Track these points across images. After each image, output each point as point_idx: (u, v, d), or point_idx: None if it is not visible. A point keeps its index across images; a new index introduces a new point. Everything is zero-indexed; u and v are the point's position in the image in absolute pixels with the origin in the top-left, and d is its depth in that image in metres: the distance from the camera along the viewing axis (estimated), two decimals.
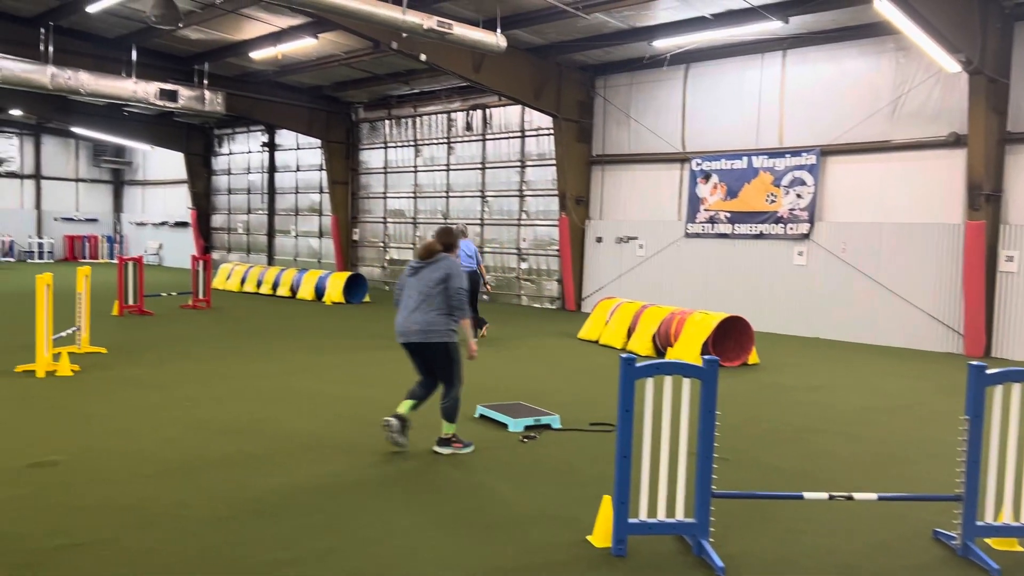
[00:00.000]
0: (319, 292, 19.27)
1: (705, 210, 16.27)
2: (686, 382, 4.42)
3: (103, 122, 26.88)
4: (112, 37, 18.77)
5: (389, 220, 23.71)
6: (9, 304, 16.48)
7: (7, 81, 16.62)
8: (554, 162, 18.46)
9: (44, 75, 17.04)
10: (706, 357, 4.33)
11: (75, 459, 5.90)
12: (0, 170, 31.58)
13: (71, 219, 33.60)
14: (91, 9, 15.69)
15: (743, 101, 15.77)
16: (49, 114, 26.18)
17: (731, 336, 11.51)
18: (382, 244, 24.00)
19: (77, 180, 33.92)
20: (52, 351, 9.25)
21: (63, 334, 10.16)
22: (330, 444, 6.58)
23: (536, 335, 14.03)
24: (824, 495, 4.66)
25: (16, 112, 27.91)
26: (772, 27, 13.62)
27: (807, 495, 4.67)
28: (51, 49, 17.54)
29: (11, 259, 31.22)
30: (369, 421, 7.39)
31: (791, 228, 15.04)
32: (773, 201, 15.26)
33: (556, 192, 18.57)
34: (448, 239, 6.52)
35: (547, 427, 7.28)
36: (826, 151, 14.66)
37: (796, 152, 14.94)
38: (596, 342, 13.06)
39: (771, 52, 15.30)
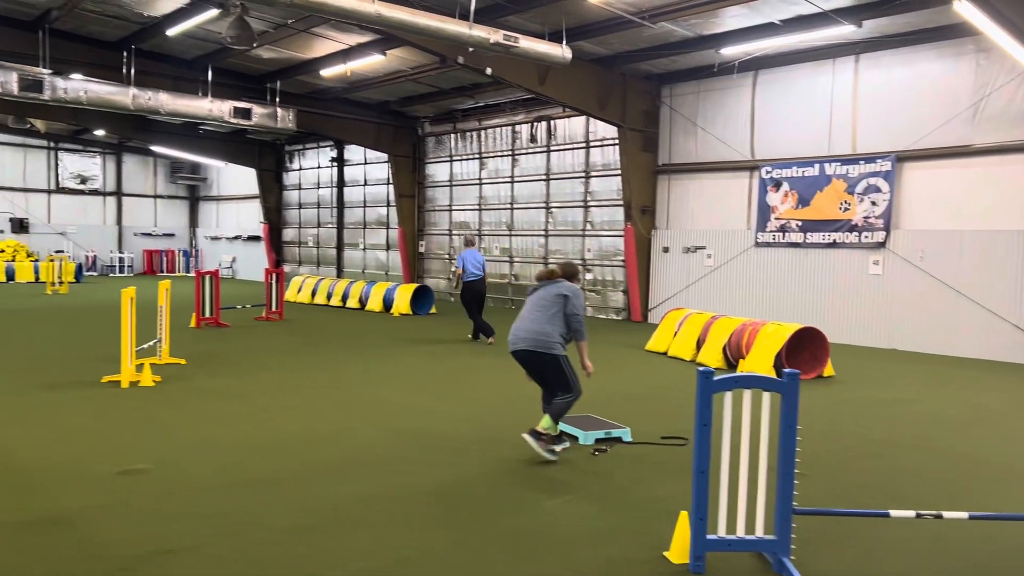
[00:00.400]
0: (387, 304, 19.55)
1: (776, 219, 15.97)
2: (765, 396, 4.35)
3: (180, 140, 27.87)
4: (189, 58, 19.48)
5: (455, 232, 23.92)
6: (94, 317, 17.17)
7: (92, 103, 17.38)
8: (619, 172, 18.38)
9: (126, 96, 17.76)
10: (787, 371, 4.25)
11: (161, 467, 6.11)
12: (85, 188, 33.01)
13: (150, 234, 34.89)
14: (170, 32, 16.33)
15: (815, 107, 15.46)
16: (130, 134, 27.27)
17: (805, 348, 11.26)
18: (448, 256, 24.24)
19: (155, 196, 35.23)
20: (135, 362, 9.59)
21: (145, 346, 10.53)
22: (404, 455, 6.66)
23: (603, 347, 13.94)
24: (911, 513, 4.51)
25: (100, 132, 29.21)
26: (844, 31, 13.32)
27: (893, 513, 4.53)
28: (133, 71, 18.32)
29: (94, 273, 32.55)
30: (442, 433, 7.46)
31: (866, 236, 14.65)
32: (847, 209, 14.89)
33: (621, 202, 18.48)
34: (570, 270, 6.83)
35: (618, 440, 7.23)
36: (902, 157, 14.25)
37: (871, 158, 14.55)
38: (664, 354, 12.92)
39: (843, 57, 14.97)
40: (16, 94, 16.34)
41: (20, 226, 31.28)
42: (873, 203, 14.54)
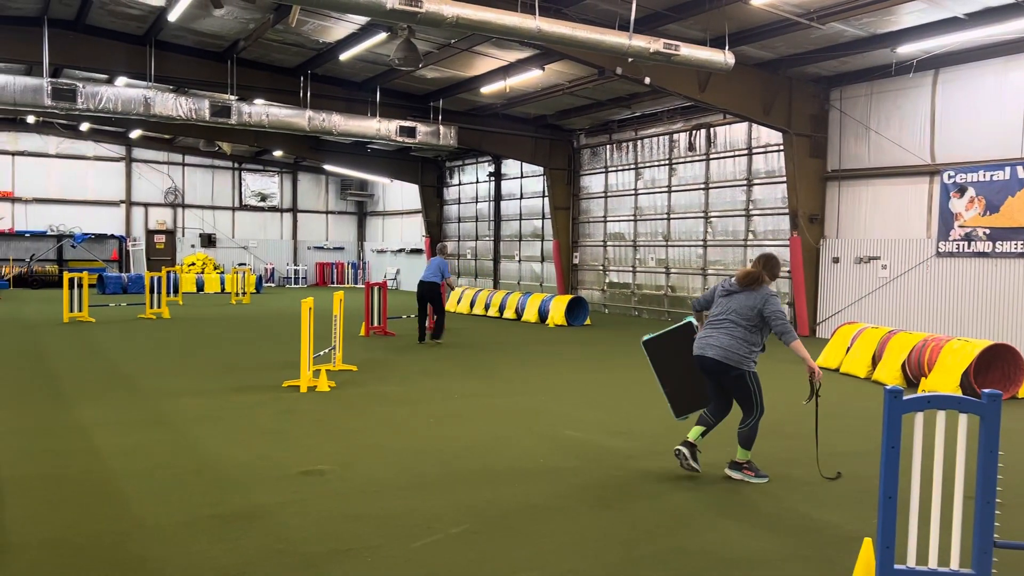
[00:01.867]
0: (542, 315, 19.73)
1: (960, 227, 14.82)
2: (961, 418, 4.02)
3: (349, 159, 29.52)
4: (359, 81, 20.56)
5: (609, 244, 23.83)
6: (273, 325, 18.38)
7: (273, 125, 18.73)
8: (784, 179, 17.68)
9: (303, 118, 19.01)
10: (987, 391, 3.92)
11: (339, 469, 6.43)
12: (264, 205, 35.54)
13: (321, 247, 37.07)
14: (342, 57, 17.35)
15: (1004, 106, 14.23)
16: (304, 153, 29.12)
17: (995, 366, 10.36)
18: (602, 267, 24.16)
19: (327, 212, 37.40)
20: (313, 368, 10.18)
21: (320, 353, 11.15)
22: (568, 465, 6.68)
23: (770, 361, 13.34)
24: None
25: (278, 153, 31.41)
26: None
27: None
28: (309, 95, 19.56)
29: (272, 284, 34.94)
30: (603, 445, 7.43)
31: None
32: None
33: (786, 210, 17.76)
34: (771, 265, 6.41)
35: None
36: None
37: None
38: (836, 370, 12.26)
39: None
40: (208, 119, 17.87)
41: (208, 241, 34.13)
42: None
